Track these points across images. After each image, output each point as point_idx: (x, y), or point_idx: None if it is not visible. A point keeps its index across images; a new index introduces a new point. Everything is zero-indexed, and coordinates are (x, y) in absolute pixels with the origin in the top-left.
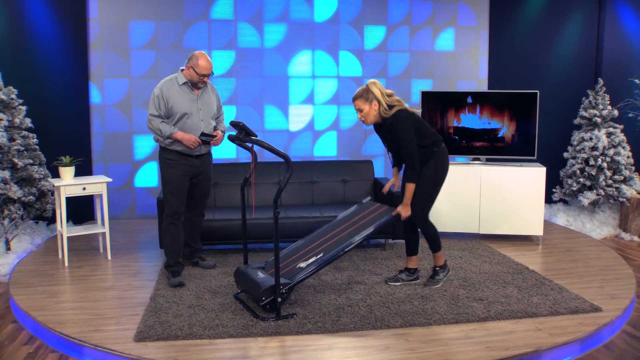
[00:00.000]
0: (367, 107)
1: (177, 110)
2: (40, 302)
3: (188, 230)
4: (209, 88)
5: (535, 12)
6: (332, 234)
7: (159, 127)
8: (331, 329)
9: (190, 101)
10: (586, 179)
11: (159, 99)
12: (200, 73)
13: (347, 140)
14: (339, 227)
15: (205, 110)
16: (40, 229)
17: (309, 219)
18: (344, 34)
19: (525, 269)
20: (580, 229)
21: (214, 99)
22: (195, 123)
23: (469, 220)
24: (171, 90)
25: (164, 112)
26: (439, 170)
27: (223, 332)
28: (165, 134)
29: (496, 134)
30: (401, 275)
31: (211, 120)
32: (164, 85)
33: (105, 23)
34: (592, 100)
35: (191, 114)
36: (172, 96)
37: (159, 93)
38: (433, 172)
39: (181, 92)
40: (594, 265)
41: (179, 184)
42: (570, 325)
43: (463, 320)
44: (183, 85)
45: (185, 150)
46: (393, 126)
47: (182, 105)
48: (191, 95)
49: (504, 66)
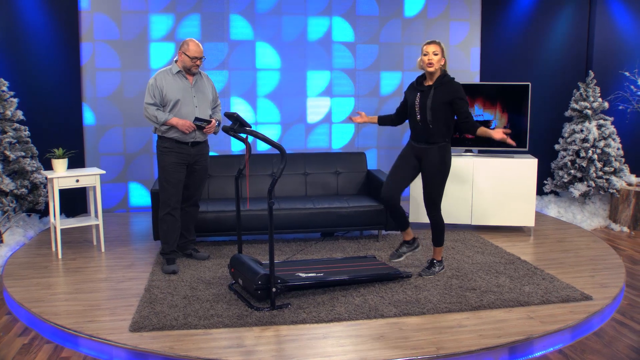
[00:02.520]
0: (440, 56)
1: (171, 97)
2: (35, 294)
3: (182, 221)
4: (204, 78)
5: (527, 4)
6: (335, 265)
7: (154, 114)
8: (326, 318)
9: (184, 88)
10: (577, 171)
11: (154, 87)
12: (191, 56)
13: (339, 133)
14: (342, 263)
15: (200, 98)
16: (33, 221)
17: (303, 210)
18: (337, 28)
19: (517, 259)
20: (571, 220)
21: (209, 88)
22: (189, 110)
23: (461, 212)
24: (165, 79)
25: (159, 100)
26: (450, 163)
27: (218, 322)
28: (161, 121)
29: (488, 126)
30: (402, 249)
31: (207, 108)
32: (158, 75)
33: (97, 15)
34: (583, 92)
35: (185, 100)
36: (166, 84)
37: (153, 82)
38: (449, 162)
39: (175, 80)
40: (585, 255)
41: (175, 172)
42: (562, 314)
43: (456, 309)
44: (177, 74)
45: (181, 138)
46: (456, 89)
47: (175, 92)
48: (185, 82)
49: (496, 59)
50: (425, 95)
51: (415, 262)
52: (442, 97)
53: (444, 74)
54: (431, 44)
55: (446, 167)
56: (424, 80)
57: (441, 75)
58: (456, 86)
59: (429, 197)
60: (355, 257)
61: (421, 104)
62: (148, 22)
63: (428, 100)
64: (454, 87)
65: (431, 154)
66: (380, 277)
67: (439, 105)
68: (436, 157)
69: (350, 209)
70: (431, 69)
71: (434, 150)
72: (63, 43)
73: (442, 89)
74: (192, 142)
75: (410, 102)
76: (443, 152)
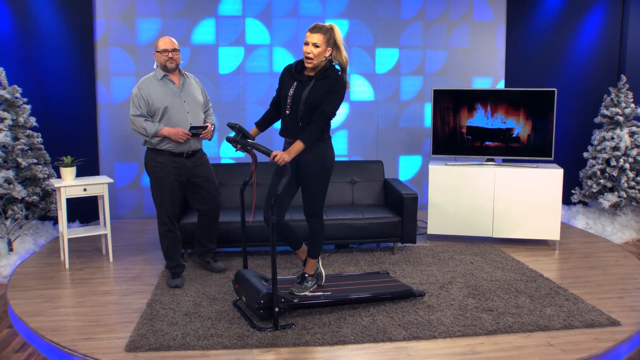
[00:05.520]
0: (323, 48)
1: (159, 105)
2: (36, 307)
3: (202, 230)
4: (192, 80)
5: (555, 4)
6: (344, 282)
7: (142, 126)
8: (330, 340)
9: (172, 94)
10: (607, 180)
11: (138, 97)
12: (160, 49)
13: (358, 139)
14: (352, 279)
15: (191, 102)
16: (47, 228)
17: None
18: (355, 32)
19: (540, 276)
20: (600, 233)
21: (199, 90)
22: (181, 117)
23: (482, 224)
24: (150, 87)
25: (146, 111)
26: (332, 163)
27: (217, 343)
28: (150, 133)
29: (511, 133)
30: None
31: (199, 113)
32: (141, 84)
33: (112, 20)
34: (614, 97)
35: (174, 106)
36: (152, 92)
37: (136, 92)
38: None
39: (161, 86)
40: (614, 273)
41: (171, 190)
42: (585, 341)
43: (470, 333)
44: (162, 78)
45: (176, 149)
46: (333, 84)
47: (162, 98)
48: (172, 87)
49: (522, 62)
50: (302, 86)
51: (431, 279)
52: (320, 91)
53: (330, 66)
54: (314, 33)
55: (323, 166)
56: (305, 69)
57: (326, 66)
58: (338, 79)
59: (307, 204)
60: (367, 274)
61: (294, 96)
62: (163, 26)
63: (304, 93)
64: (334, 80)
65: (307, 153)
66: (390, 295)
67: (316, 101)
68: (310, 156)
69: (365, 220)
70: (309, 64)
71: (312, 148)
72: (77, 48)
73: (323, 83)
74: (187, 154)
75: (284, 92)
76: (322, 151)
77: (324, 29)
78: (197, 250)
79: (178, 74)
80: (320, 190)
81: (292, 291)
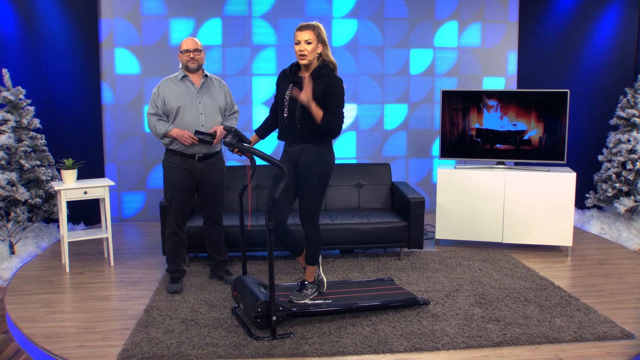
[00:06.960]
0: (315, 45)
1: (173, 105)
2: (32, 312)
3: (208, 242)
4: (215, 83)
5: (569, 4)
6: (346, 290)
7: (154, 125)
8: (329, 351)
9: (188, 94)
10: (623, 184)
11: (156, 95)
12: (183, 49)
13: (366, 141)
14: (355, 287)
15: (207, 104)
16: (51, 230)
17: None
18: (364, 32)
19: (551, 284)
20: (616, 239)
21: (222, 94)
22: (193, 117)
23: (491, 229)
24: (168, 86)
25: (161, 110)
26: (331, 166)
27: (212, 353)
28: (160, 132)
29: (522, 136)
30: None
31: (216, 115)
32: (162, 83)
33: (117, 20)
34: (631, 99)
35: (187, 106)
36: (169, 91)
37: (155, 90)
38: (330, 167)
39: (179, 86)
40: (629, 282)
41: (180, 191)
42: (596, 355)
43: (475, 344)
44: (182, 79)
45: (186, 150)
46: (328, 85)
47: (177, 98)
48: (190, 88)
49: (535, 62)
50: (298, 88)
51: (437, 286)
52: (317, 91)
53: (324, 65)
54: (304, 30)
55: (322, 168)
56: (299, 71)
57: (319, 65)
58: (334, 79)
59: (303, 207)
60: (371, 281)
61: (291, 98)
62: (168, 27)
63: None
64: (331, 80)
65: (306, 155)
66: (394, 304)
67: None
68: (308, 158)
69: (371, 225)
70: (304, 62)
71: (311, 149)
72: (82, 49)
73: (319, 83)
74: (199, 156)
75: (281, 95)
76: (321, 153)
77: (311, 26)
78: (209, 264)
79: (200, 75)
80: (317, 194)
81: (291, 299)
